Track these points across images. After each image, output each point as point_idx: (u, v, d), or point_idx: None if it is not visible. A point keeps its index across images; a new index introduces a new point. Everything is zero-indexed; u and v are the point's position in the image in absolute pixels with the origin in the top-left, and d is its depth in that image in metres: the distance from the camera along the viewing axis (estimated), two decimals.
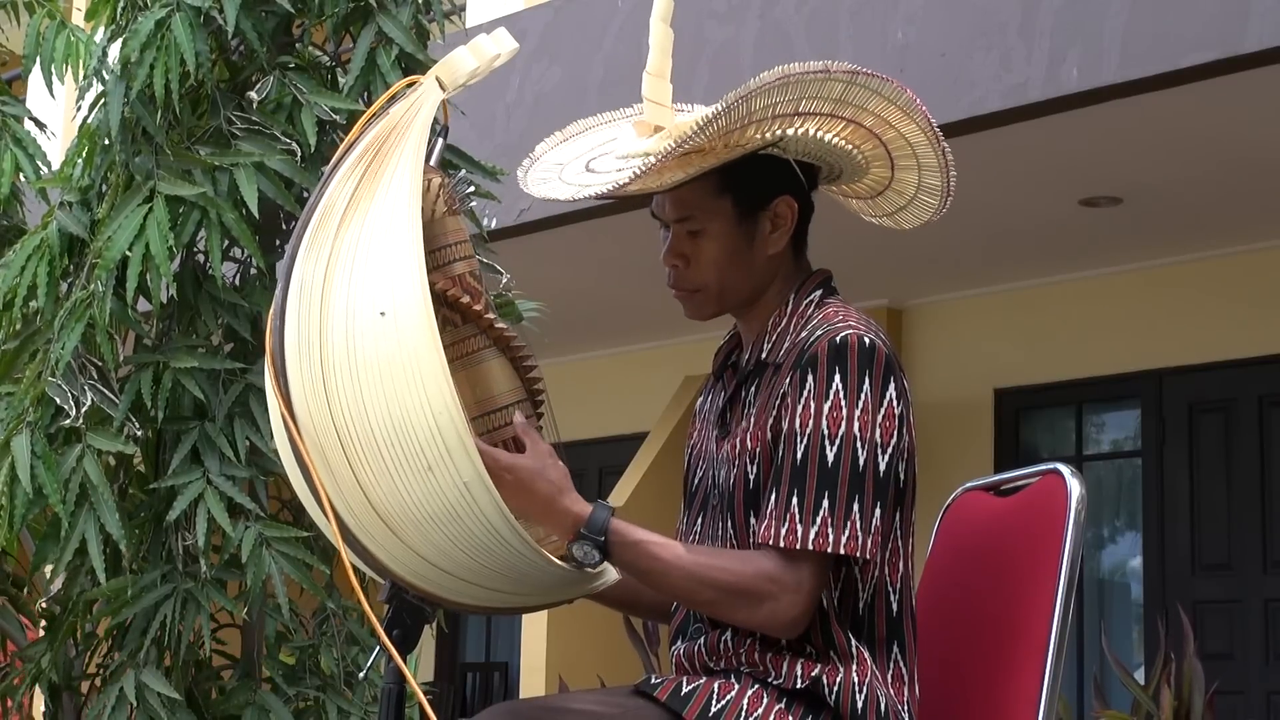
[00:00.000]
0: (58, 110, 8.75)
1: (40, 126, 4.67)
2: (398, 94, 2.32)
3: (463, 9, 8.41)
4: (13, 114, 4.45)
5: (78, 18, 6.01)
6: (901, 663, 2.38)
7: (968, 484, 2.74)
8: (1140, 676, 6.71)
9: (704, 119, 2.31)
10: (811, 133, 2.41)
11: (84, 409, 3.67)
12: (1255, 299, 7.57)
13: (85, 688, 3.95)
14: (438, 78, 2.31)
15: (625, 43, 6.94)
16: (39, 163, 4.41)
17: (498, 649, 10.50)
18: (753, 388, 2.45)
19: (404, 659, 2.25)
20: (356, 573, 2.26)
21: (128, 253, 3.64)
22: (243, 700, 3.78)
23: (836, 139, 2.44)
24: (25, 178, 4.41)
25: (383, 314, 2.15)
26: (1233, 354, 7.69)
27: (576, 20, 7.38)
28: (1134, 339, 7.97)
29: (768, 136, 2.39)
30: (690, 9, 6.15)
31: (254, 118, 3.79)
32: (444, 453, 2.14)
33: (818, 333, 2.37)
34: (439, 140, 2.36)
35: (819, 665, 2.33)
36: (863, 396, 2.32)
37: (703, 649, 2.43)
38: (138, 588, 3.69)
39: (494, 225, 6.69)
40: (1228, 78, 5.59)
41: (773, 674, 2.34)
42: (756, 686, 2.34)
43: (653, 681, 2.36)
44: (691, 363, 8.82)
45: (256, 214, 3.69)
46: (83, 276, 3.82)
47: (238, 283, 3.93)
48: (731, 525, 2.41)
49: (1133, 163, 6.60)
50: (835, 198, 2.64)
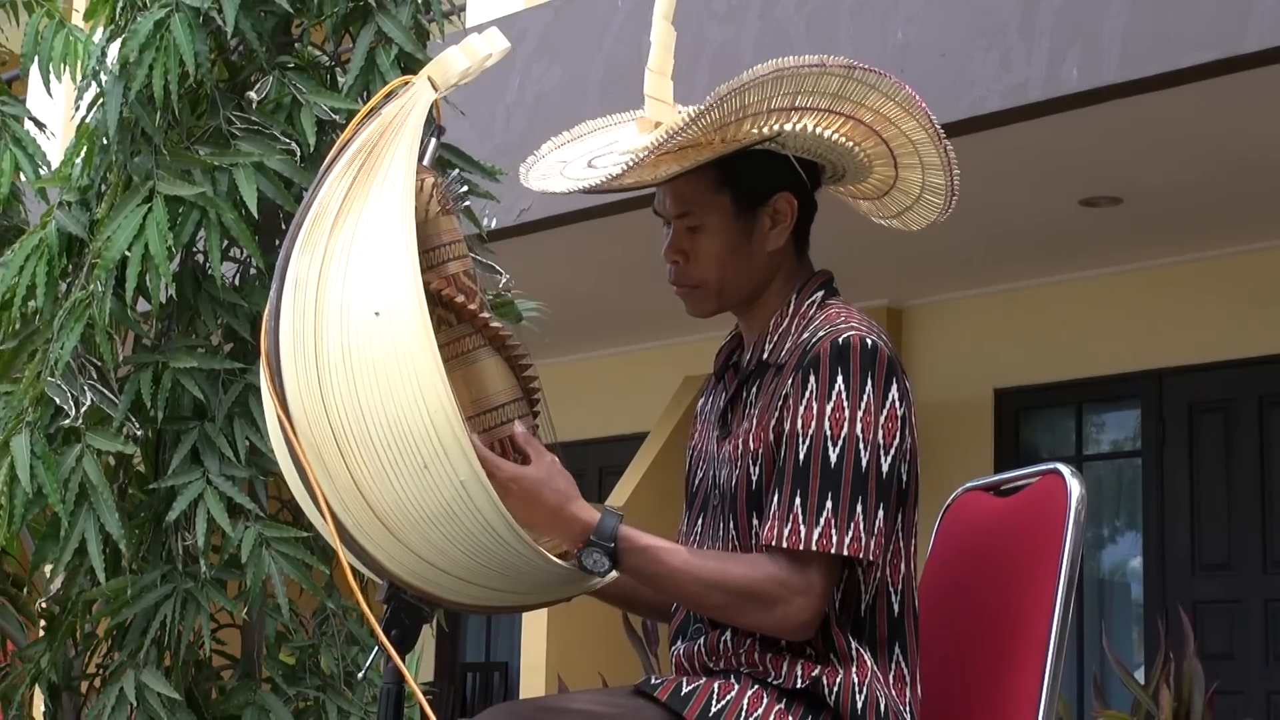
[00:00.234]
0: (57, 110, 8.75)
1: (40, 126, 4.66)
2: (391, 93, 2.32)
3: (462, 9, 8.41)
4: (12, 114, 4.45)
5: (77, 18, 6.00)
6: (903, 663, 2.38)
7: (968, 484, 2.74)
8: (1140, 676, 6.71)
9: (697, 111, 2.31)
10: (809, 128, 2.40)
11: (83, 409, 3.67)
12: (1255, 299, 7.57)
13: (85, 688, 3.95)
14: (430, 77, 2.31)
15: (625, 42, 6.94)
16: (38, 163, 4.41)
17: (498, 649, 10.50)
18: (754, 388, 2.44)
19: (403, 659, 2.24)
20: (354, 573, 2.26)
21: (127, 253, 3.64)
22: (243, 700, 3.78)
23: (835, 135, 2.43)
24: (25, 177, 4.41)
25: (377, 314, 2.14)
26: (1233, 354, 7.68)
27: (576, 20, 7.38)
28: (1134, 339, 7.96)
29: (764, 131, 2.39)
30: (690, 9, 6.14)
31: (253, 118, 3.78)
32: (440, 451, 2.13)
33: (820, 334, 2.36)
34: (432, 140, 2.36)
35: (819, 666, 2.33)
36: (865, 398, 2.31)
37: (702, 649, 2.43)
38: (137, 588, 3.69)
39: (494, 225, 6.69)
40: (1228, 78, 5.58)
41: (773, 674, 2.34)
42: (756, 687, 2.33)
43: (653, 681, 2.36)
44: (691, 363, 8.82)
45: (256, 214, 3.69)
46: (82, 276, 3.82)
47: (237, 283, 3.93)
48: (733, 526, 2.41)
49: (1133, 163, 6.60)
50: (844, 199, 2.64)
